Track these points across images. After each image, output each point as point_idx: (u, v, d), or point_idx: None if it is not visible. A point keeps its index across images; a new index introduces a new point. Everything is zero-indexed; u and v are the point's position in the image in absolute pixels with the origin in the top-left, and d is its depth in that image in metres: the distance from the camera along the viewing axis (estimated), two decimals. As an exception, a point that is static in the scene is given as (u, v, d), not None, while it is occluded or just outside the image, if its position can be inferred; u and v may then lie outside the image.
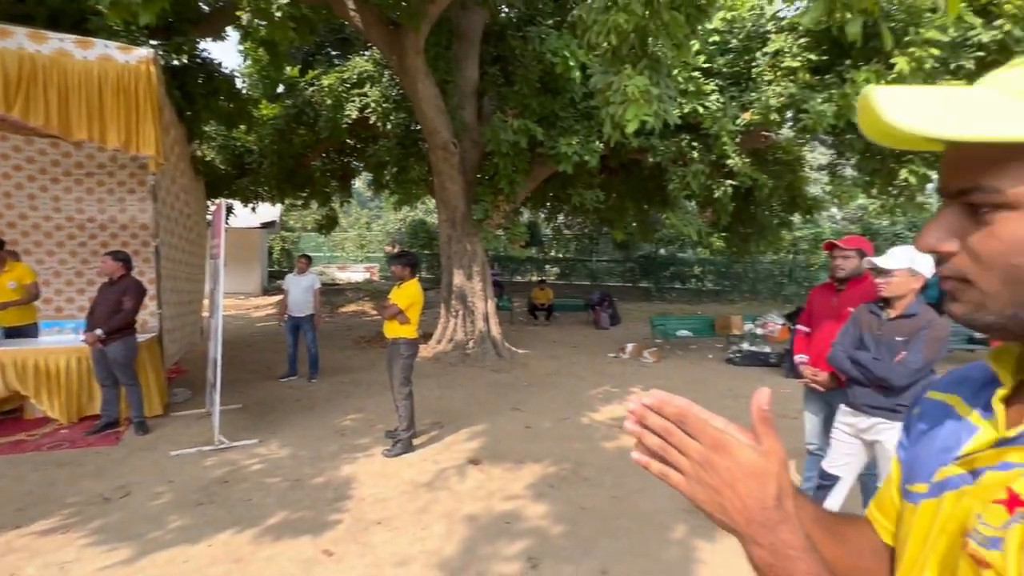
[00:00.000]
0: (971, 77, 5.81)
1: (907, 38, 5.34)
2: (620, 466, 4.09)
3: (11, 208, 7.07)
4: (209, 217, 10.24)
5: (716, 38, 7.14)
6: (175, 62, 6.89)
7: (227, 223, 10.89)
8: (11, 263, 5.21)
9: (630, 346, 8.89)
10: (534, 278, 20.46)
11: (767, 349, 8.65)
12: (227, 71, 7.71)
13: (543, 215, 18.10)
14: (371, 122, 8.71)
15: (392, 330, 4.41)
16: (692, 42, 3.79)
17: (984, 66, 5.74)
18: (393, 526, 3.17)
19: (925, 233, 0.48)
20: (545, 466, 4.12)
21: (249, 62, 9.32)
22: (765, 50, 6.72)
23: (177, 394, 5.71)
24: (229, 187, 10.00)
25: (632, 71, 3.28)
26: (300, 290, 6.65)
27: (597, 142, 7.24)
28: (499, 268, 20.58)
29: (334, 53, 10.60)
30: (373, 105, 8.49)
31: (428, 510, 3.38)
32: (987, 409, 0.51)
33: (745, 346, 8.92)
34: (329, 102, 8.52)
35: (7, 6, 5.86)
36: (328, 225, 12.27)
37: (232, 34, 8.92)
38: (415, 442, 4.49)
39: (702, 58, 6.93)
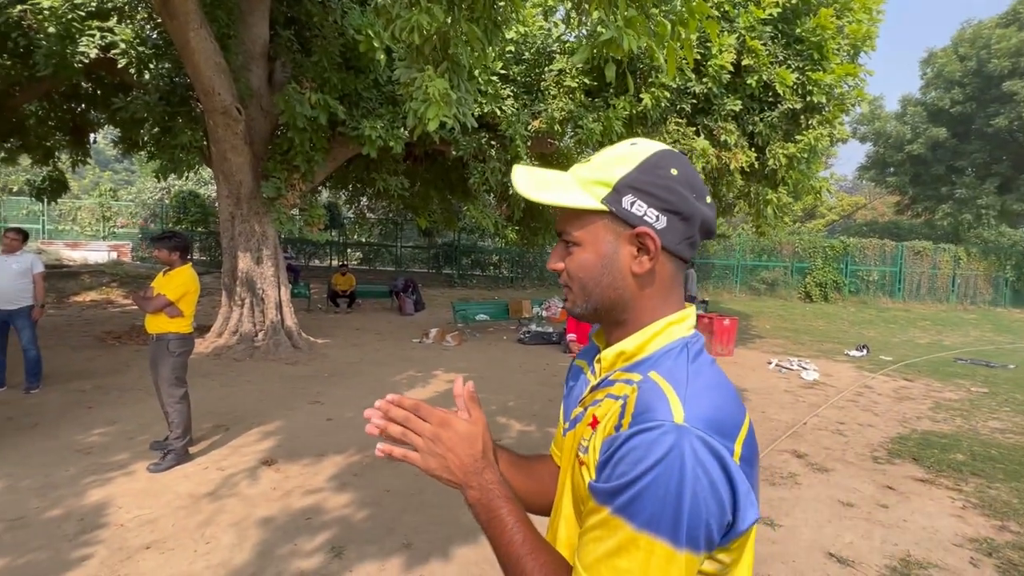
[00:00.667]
0: (690, 118, 7.62)
1: (650, 79, 6.73)
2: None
3: None
4: None
5: (512, 48, 7.79)
6: None
7: None
8: None
9: (433, 331, 9.20)
10: (335, 263, 19.33)
11: (550, 329, 9.94)
12: None
13: (343, 197, 17.16)
14: (120, 66, 7.02)
15: (157, 324, 3.77)
16: (489, 50, 4.11)
17: (696, 110, 7.58)
18: (167, 547, 2.79)
19: (550, 258, 0.76)
20: (348, 456, 4.08)
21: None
22: (551, 67, 7.63)
23: None
24: None
25: (434, 73, 3.43)
26: (10, 275, 5.11)
27: (402, 129, 7.23)
28: (293, 252, 18.79)
29: None
30: (123, 46, 6.85)
31: (212, 522, 3.06)
32: (593, 367, 0.78)
33: (533, 327, 10.08)
34: (52, 30, 6.56)
35: None
36: (54, 190, 9.47)
37: None
38: (192, 450, 3.95)
39: (500, 64, 7.50)
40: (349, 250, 20.87)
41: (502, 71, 7.66)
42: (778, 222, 7.93)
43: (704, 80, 6.92)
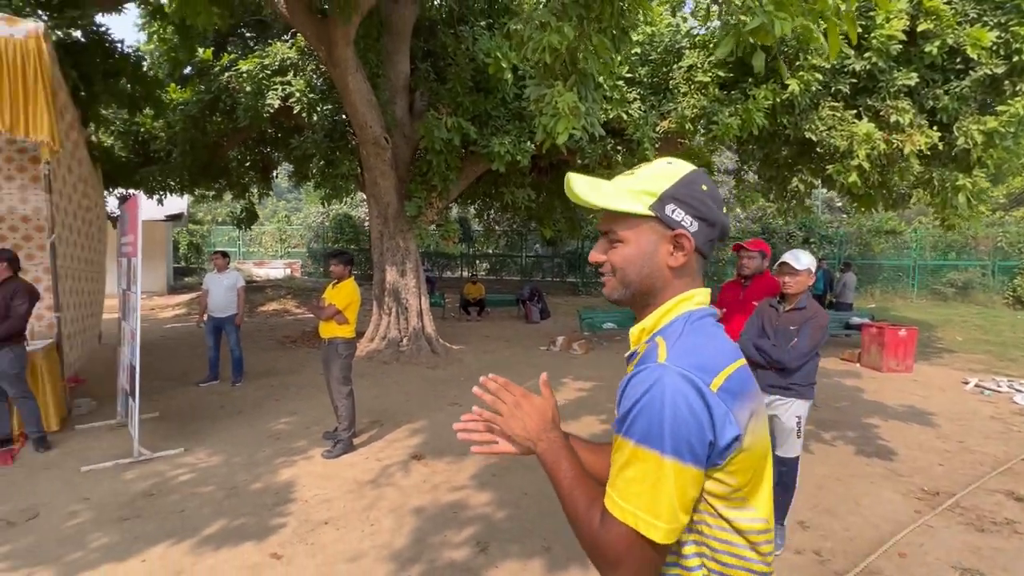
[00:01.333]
0: (848, 100, 6.72)
1: (797, 62, 6.08)
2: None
3: None
4: (114, 211, 9.28)
5: (637, 50, 7.62)
6: (69, 38, 6.19)
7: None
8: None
9: (560, 339, 9.29)
10: (465, 274, 20.52)
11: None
12: (131, 50, 7.04)
13: (472, 211, 18.19)
14: (295, 112, 8.34)
15: (329, 330, 4.35)
16: (617, 57, 4.08)
17: (857, 90, 6.66)
18: (341, 524, 3.19)
19: (593, 251, 0.92)
20: (486, 457, 4.29)
21: (153, 42, 8.54)
22: (680, 64, 7.29)
23: (81, 405, 5.21)
24: (131, 177, 9.10)
25: (563, 87, 3.50)
26: (222, 289, 6.30)
27: (529, 143, 7.47)
28: (430, 264, 20.41)
29: (249, 35, 9.95)
30: (297, 95, 8.13)
31: (375, 506, 3.43)
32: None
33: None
34: (248, 89, 8.03)
35: None
36: (248, 219, 11.52)
37: (131, 9, 8.12)
38: (355, 441, 4.48)
39: (625, 68, 7.38)
40: (478, 261, 22.00)
41: (628, 74, 7.53)
42: (973, 212, 6.58)
43: (866, 55, 6.07)
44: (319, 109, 8.43)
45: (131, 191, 9.71)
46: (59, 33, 5.92)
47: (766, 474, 0.82)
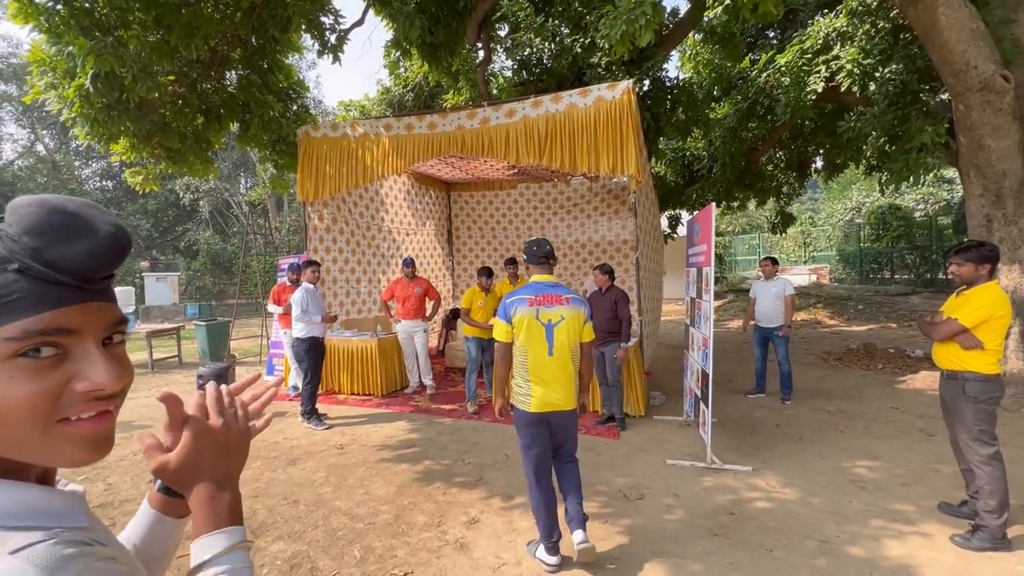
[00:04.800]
0: None
1: None
2: None
3: (531, 236, 9.44)
4: (669, 232, 10.92)
5: None
6: (641, 87, 7.48)
7: (675, 234, 11.29)
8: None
9: None
10: None
11: None
12: (683, 82, 7.85)
13: None
14: (843, 89, 7.06)
15: (947, 357, 3.02)
16: None
17: None
18: None
19: None
20: None
21: (690, 68, 9.38)
22: None
23: (655, 397, 6.00)
24: (679, 198, 10.33)
25: None
26: (770, 297, 5.90)
27: None
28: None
29: (771, 34, 9.43)
30: (848, 67, 6.84)
31: None
32: None
33: None
34: (787, 81, 7.44)
35: (529, 85, 7.77)
36: (784, 222, 10.86)
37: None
38: (1008, 533, 2.91)
39: None
40: None
41: None
42: None
43: None
44: (877, 75, 6.80)
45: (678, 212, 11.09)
46: (639, 85, 7.21)
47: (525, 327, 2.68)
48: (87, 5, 4.56)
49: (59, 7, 4.40)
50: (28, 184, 22.57)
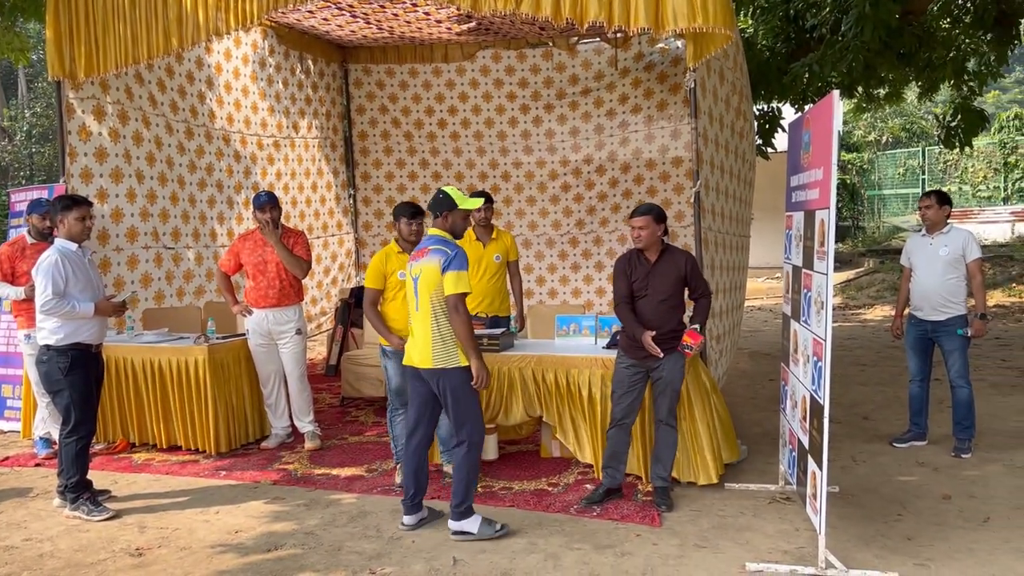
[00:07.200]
0: None
1: None
2: None
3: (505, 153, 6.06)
4: (760, 143, 6.25)
5: None
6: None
7: (770, 149, 6.37)
8: (497, 231, 3.97)
9: None
10: None
11: None
12: None
13: None
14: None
15: None
16: None
17: None
18: None
19: None
20: None
21: None
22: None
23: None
24: (775, 82, 6.34)
25: None
26: (936, 265, 3.48)
27: None
28: None
29: None
30: None
31: None
32: None
33: None
34: None
35: None
36: (968, 128, 6.78)
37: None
38: None
39: None
40: None
41: None
42: None
43: None
44: None
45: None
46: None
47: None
48: None
49: None
50: None
